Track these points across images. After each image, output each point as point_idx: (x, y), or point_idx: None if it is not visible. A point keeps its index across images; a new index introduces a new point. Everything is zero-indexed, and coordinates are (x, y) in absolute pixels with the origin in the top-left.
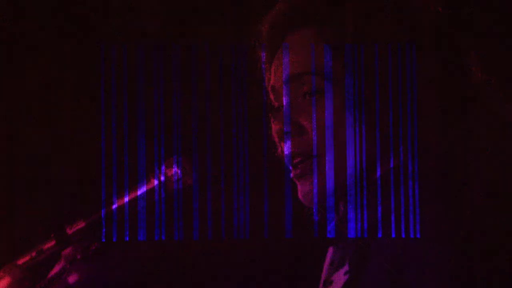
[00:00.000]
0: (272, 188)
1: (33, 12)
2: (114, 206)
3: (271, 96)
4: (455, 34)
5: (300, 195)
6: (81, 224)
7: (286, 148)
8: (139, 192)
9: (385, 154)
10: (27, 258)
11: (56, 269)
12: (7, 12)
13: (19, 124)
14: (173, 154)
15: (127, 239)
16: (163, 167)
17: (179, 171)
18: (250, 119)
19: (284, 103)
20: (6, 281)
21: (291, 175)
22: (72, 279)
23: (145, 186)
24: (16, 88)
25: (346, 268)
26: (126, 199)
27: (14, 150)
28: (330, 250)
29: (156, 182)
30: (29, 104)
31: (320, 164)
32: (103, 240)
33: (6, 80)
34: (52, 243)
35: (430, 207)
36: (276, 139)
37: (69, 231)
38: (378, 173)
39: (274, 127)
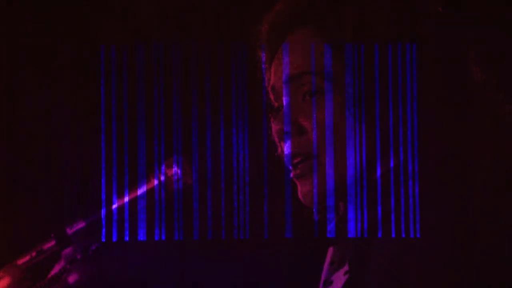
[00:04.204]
0: (272, 188)
1: (32, 12)
2: (114, 206)
3: (271, 96)
4: (455, 34)
5: (300, 195)
6: (81, 224)
7: (286, 148)
8: (139, 192)
9: (385, 154)
10: (27, 258)
11: (56, 269)
12: (6, 12)
13: (19, 125)
14: (173, 154)
15: (127, 239)
16: (163, 167)
17: (179, 171)
18: (250, 119)
19: (284, 103)
20: (6, 281)
21: (291, 175)
22: (72, 279)
23: (145, 186)
24: (16, 88)
25: (346, 268)
26: (126, 199)
27: (14, 150)
28: (330, 250)
29: (156, 182)
30: (29, 104)
31: (320, 164)
32: (103, 240)
33: (6, 80)
34: (52, 243)
35: (430, 207)
36: (276, 139)
37: (69, 231)
38: (378, 173)
39: (274, 127)
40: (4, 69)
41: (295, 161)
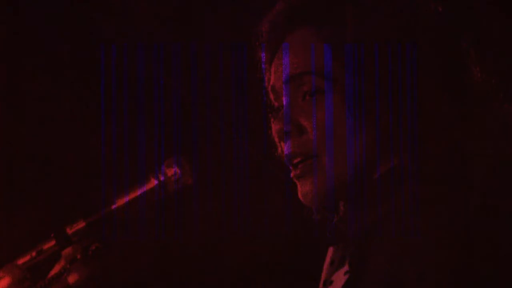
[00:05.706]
0: (272, 188)
1: (33, 11)
2: (114, 206)
3: (271, 96)
4: (455, 34)
5: (300, 195)
6: (81, 224)
7: (286, 148)
8: (139, 192)
9: (385, 154)
10: (27, 258)
11: (56, 269)
12: (7, 12)
13: (19, 124)
14: (173, 154)
15: (127, 239)
16: (163, 167)
17: (179, 171)
18: (250, 119)
19: (284, 103)
20: (6, 281)
21: (291, 175)
22: (72, 279)
23: (145, 186)
24: (16, 88)
25: (346, 268)
26: (126, 199)
27: (14, 150)
28: (330, 250)
29: (156, 182)
30: (29, 104)
31: (320, 164)
32: (103, 240)
33: (6, 80)
34: (52, 243)
35: (430, 207)
36: (276, 139)
37: (69, 231)
38: (378, 173)
39: (274, 127)
40: (4, 69)
41: (295, 161)
